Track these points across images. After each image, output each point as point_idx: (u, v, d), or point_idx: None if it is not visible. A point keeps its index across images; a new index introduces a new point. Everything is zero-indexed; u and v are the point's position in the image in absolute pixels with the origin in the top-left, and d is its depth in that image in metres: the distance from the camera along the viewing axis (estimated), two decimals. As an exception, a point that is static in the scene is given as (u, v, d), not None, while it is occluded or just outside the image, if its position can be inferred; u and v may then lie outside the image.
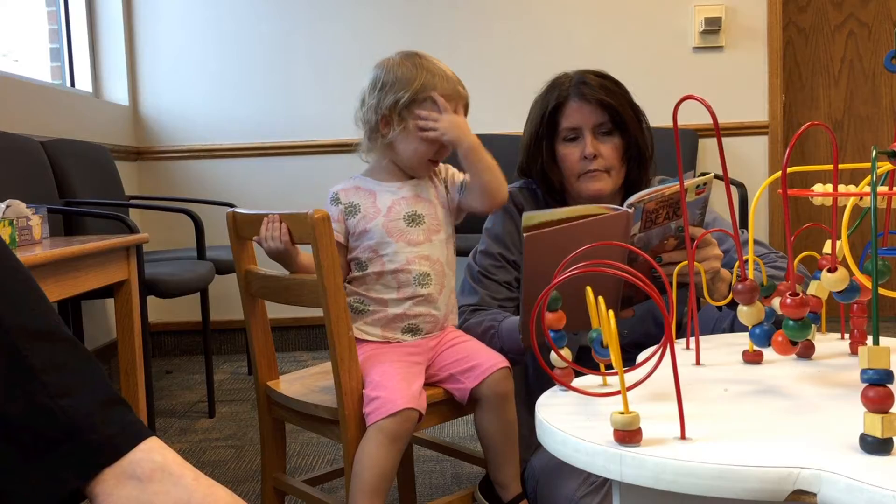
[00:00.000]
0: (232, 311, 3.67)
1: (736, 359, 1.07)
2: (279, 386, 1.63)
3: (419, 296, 1.53)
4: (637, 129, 1.62)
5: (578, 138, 1.62)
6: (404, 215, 1.54)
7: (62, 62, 3.68)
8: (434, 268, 1.54)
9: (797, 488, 0.67)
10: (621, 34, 3.82)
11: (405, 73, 1.51)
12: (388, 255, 1.52)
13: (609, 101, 1.58)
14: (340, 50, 3.81)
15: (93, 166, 3.13)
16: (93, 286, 1.98)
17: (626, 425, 0.74)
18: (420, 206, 1.56)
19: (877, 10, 3.97)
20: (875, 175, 0.73)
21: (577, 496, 1.49)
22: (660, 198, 1.32)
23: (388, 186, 1.57)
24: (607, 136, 1.61)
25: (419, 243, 1.54)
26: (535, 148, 1.67)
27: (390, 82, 1.52)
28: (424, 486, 2.11)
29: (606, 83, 1.62)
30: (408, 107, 1.51)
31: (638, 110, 1.65)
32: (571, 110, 1.61)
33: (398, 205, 1.54)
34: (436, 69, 1.53)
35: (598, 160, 1.59)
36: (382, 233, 1.52)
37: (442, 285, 1.56)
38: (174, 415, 2.90)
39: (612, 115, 1.59)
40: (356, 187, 1.57)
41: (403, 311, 1.52)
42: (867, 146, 3.97)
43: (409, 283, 1.52)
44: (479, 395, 1.50)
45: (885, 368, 0.68)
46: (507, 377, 1.50)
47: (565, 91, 1.62)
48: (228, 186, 3.83)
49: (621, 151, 1.61)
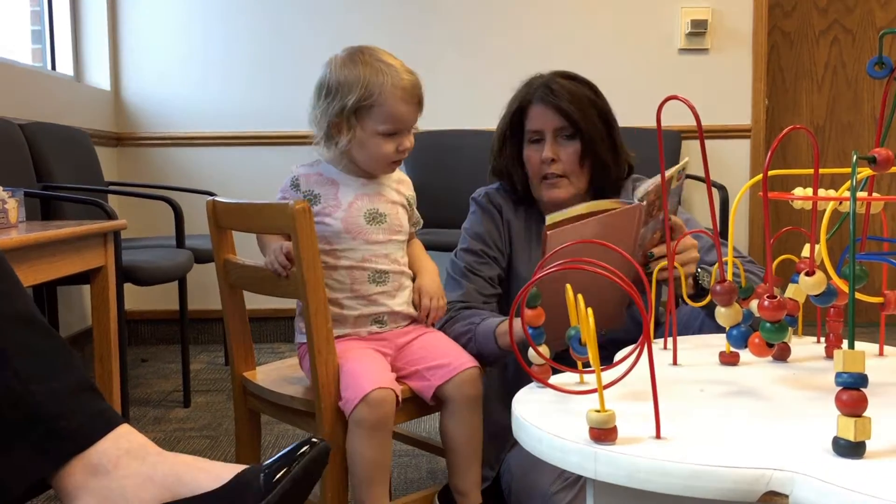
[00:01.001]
0: (210, 300, 3.64)
1: (713, 360, 1.07)
2: (255, 377, 1.62)
3: (375, 293, 1.50)
4: (599, 136, 1.60)
5: (542, 140, 1.62)
6: (365, 213, 1.51)
7: (43, 45, 3.63)
8: (392, 266, 1.52)
9: (770, 489, 0.67)
10: (607, 34, 3.83)
11: (349, 76, 1.46)
12: (343, 251, 1.49)
13: (568, 108, 1.58)
14: (325, 40, 3.78)
15: (72, 151, 3.09)
16: (69, 272, 1.95)
17: (602, 423, 0.74)
18: (382, 205, 1.53)
19: (861, 17, 4.00)
20: (855, 180, 0.73)
21: (552, 492, 1.50)
22: (656, 189, 1.34)
23: (352, 180, 1.53)
24: (568, 141, 1.60)
25: (379, 242, 1.51)
26: (500, 148, 1.69)
27: (335, 86, 1.47)
28: (400, 481, 2.11)
29: (575, 87, 1.61)
30: (356, 113, 1.46)
31: (606, 115, 1.63)
32: (535, 113, 1.62)
33: (360, 200, 1.52)
34: (381, 66, 1.47)
35: (555, 164, 1.60)
36: (340, 227, 1.49)
37: (400, 283, 1.54)
38: (149, 404, 2.88)
39: (571, 122, 1.59)
40: (318, 174, 1.53)
41: (361, 313, 1.50)
42: (848, 152, 4.00)
43: (363, 281, 1.50)
44: (445, 395, 1.46)
45: (859, 372, 0.69)
46: (475, 378, 1.47)
47: (530, 94, 1.63)
48: (209, 175, 3.80)
49: (581, 156, 1.61)
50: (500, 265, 1.70)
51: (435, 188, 3.65)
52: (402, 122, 1.48)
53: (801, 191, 1.02)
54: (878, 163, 0.76)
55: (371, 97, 1.45)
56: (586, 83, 1.65)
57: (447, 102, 3.73)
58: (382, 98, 1.45)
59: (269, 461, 0.92)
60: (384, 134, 1.48)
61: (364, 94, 1.45)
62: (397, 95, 1.46)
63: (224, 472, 0.87)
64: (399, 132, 1.49)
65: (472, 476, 1.50)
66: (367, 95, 1.45)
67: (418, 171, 3.73)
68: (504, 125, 1.68)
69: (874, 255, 0.85)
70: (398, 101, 1.46)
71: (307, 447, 0.94)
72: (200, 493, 0.80)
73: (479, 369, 1.48)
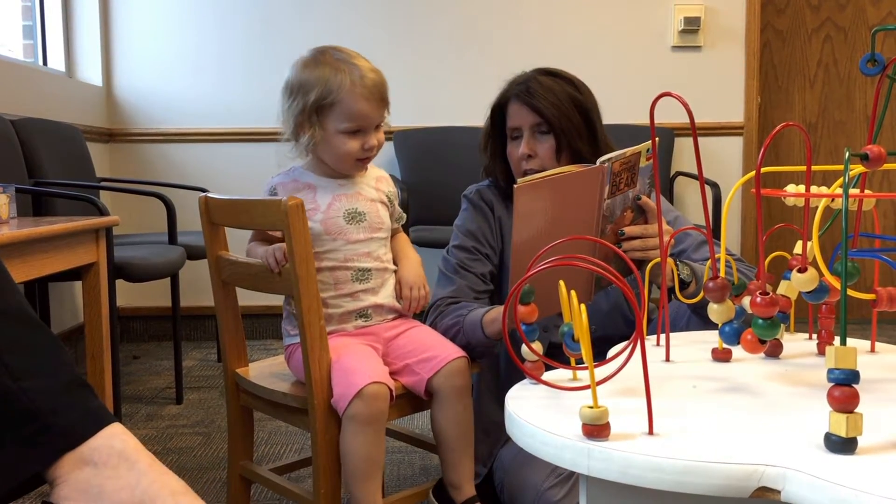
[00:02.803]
0: (202, 297, 3.63)
1: (705, 356, 1.08)
2: (248, 373, 1.62)
3: (358, 291, 1.51)
4: (575, 130, 1.60)
5: (521, 137, 1.64)
6: (344, 213, 1.52)
7: (35, 40, 3.61)
8: (374, 264, 1.53)
9: (762, 485, 0.68)
10: (601, 31, 3.83)
11: (310, 76, 1.48)
12: (325, 252, 1.50)
13: (541, 104, 1.59)
14: (317, 37, 3.75)
15: (64, 147, 3.08)
16: (61, 268, 1.95)
17: (595, 419, 0.74)
18: (361, 204, 1.54)
19: (853, 14, 4.01)
20: (847, 177, 0.73)
21: (544, 487, 1.50)
22: (622, 159, 1.38)
23: (329, 182, 1.55)
24: (545, 136, 1.62)
25: (359, 241, 1.52)
26: (485, 145, 1.73)
27: (297, 86, 1.49)
28: (392, 478, 2.11)
29: (553, 84, 1.62)
30: (317, 111, 1.47)
31: (586, 110, 1.63)
32: (513, 111, 1.64)
33: (338, 201, 1.52)
34: (342, 65, 1.47)
35: (532, 160, 1.62)
36: (320, 230, 1.50)
37: (383, 279, 1.55)
38: (141, 400, 2.88)
39: (544, 118, 1.60)
40: (294, 180, 1.55)
41: (346, 309, 1.51)
42: (840, 149, 4.02)
43: (346, 280, 1.51)
44: (435, 387, 1.47)
45: (851, 369, 0.69)
46: (463, 369, 1.47)
47: (509, 92, 1.66)
48: (201, 171, 3.79)
49: (557, 151, 1.62)
50: (492, 262, 1.71)
51: (427, 185, 3.65)
52: (363, 120, 1.49)
53: (793, 188, 1.02)
54: (870, 160, 0.76)
55: (330, 95, 1.46)
56: (568, 79, 1.65)
57: (439, 99, 3.73)
58: (341, 96, 1.46)
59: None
60: (346, 132, 1.49)
61: (323, 92, 1.46)
62: (357, 93, 1.47)
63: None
64: (362, 130, 1.50)
65: (464, 469, 1.51)
66: (326, 94, 1.46)
67: (411, 169, 3.73)
68: (487, 123, 1.71)
69: (866, 252, 0.86)
70: (358, 99, 1.47)
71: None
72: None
73: (467, 360, 1.49)
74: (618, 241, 1.45)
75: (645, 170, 1.45)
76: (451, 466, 1.51)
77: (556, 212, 1.35)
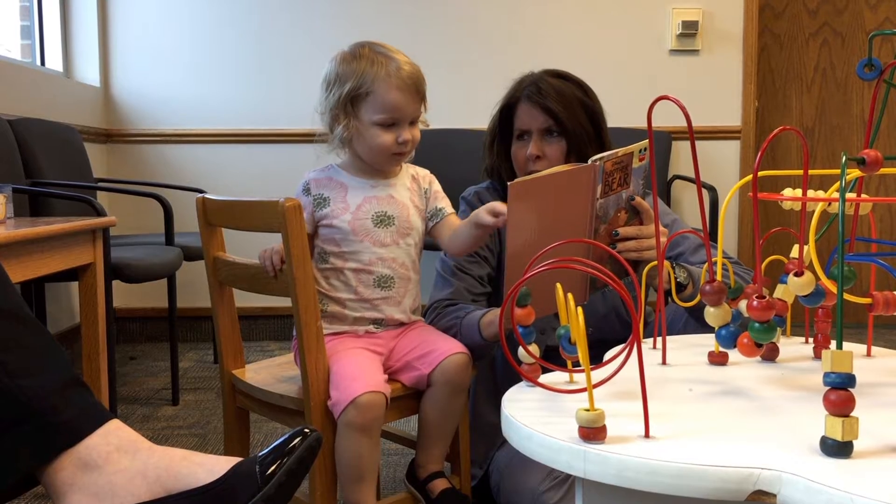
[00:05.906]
0: (199, 298, 3.62)
1: (701, 360, 1.08)
2: (245, 375, 1.61)
3: (378, 298, 1.50)
4: (586, 135, 1.62)
5: (529, 138, 1.64)
6: (373, 215, 1.50)
7: (32, 40, 3.61)
8: (398, 272, 1.51)
9: (758, 489, 0.68)
10: (599, 34, 3.83)
11: (347, 68, 1.48)
12: (350, 253, 1.49)
13: (555, 107, 1.59)
14: (314, 38, 3.77)
15: (61, 147, 3.07)
16: (57, 268, 1.94)
17: (591, 422, 0.74)
18: (391, 207, 1.52)
19: (851, 19, 4.02)
20: (844, 181, 0.73)
21: (541, 490, 1.50)
22: (614, 158, 1.38)
23: (361, 182, 1.53)
24: (555, 138, 1.62)
25: (385, 245, 1.50)
26: (490, 144, 1.73)
27: (334, 78, 1.49)
28: (388, 480, 2.11)
29: (563, 86, 1.63)
30: (352, 102, 1.47)
31: (595, 115, 1.65)
32: (522, 112, 1.64)
33: (368, 203, 1.51)
34: (379, 57, 1.47)
35: (540, 161, 1.62)
36: (348, 230, 1.49)
37: (406, 289, 1.53)
38: (137, 401, 2.87)
39: (557, 121, 1.60)
40: (329, 178, 1.54)
41: (362, 315, 1.50)
42: (837, 154, 4.02)
43: (369, 284, 1.49)
44: (432, 380, 1.46)
45: (847, 372, 0.69)
46: (461, 364, 1.45)
47: (518, 92, 1.66)
48: (199, 172, 3.79)
49: (566, 155, 1.62)
50: (490, 264, 1.71)
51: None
52: (397, 112, 1.47)
53: (790, 192, 1.03)
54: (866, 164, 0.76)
55: (364, 86, 1.46)
56: (577, 82, 1.66)
57: (438, 102, 3.72)
58: (375, 86, 1.46)
59: (263, 453, 0.91)
60: (380, 124, 1.47)
61: (358, 83, 1.46)
62: (391, 83, 1.46)
63: (217, 466, 0.86)
64: (397, 123, 1.48)
65: (435, 452, 1.52)
66: (360, 84, 1.46)
67: (409, 170, 3.73)
68: (494, 122, 1.71)
69: (862, 256, 0.86)
70: (391, 89, 1.46)
71: (300, 438, 0.94)
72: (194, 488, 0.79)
73: (467, 356, 1.47)
74: (612, 242, 1.45)
75: (639, 170, 1.45)
76: (422, 448, 1.52)
77: (549, 210, 1.35)
